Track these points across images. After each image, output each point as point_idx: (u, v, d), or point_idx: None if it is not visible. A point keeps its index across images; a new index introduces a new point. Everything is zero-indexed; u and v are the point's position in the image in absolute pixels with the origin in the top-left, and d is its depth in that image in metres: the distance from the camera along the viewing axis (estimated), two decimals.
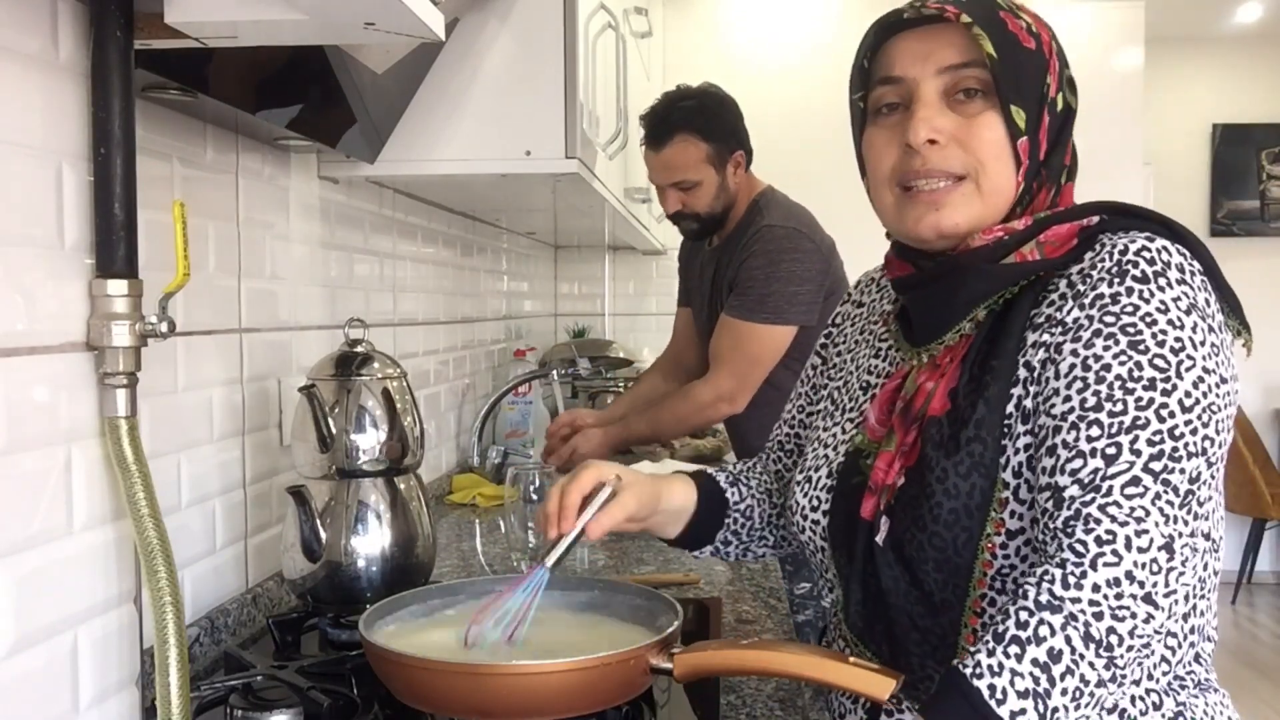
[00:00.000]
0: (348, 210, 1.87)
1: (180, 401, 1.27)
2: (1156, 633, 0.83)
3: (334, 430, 1.35)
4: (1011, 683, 0.79)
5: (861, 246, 2.66)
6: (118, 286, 0.99)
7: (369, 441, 1.36)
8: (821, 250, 2.25)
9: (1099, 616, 0.80)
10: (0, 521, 0.89)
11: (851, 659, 0.95)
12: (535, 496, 1.71)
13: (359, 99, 1.51)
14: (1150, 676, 0.94)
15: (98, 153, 0.98)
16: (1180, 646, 0.94)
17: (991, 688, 0.79)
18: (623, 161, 2.42)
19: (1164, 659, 0.94)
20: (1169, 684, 0.95)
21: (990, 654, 0.81)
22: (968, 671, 0.81)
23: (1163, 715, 0.94)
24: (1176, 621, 0.91)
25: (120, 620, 1.05)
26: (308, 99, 1.40)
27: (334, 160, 1.70)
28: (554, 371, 2.89)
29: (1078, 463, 0.86)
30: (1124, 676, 0.82)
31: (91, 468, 1.00)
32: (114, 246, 0.99)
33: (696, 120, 2.26)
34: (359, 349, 1.41)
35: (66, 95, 0.97)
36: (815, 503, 1.07)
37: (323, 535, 1.34)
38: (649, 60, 3.36)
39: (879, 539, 0.98)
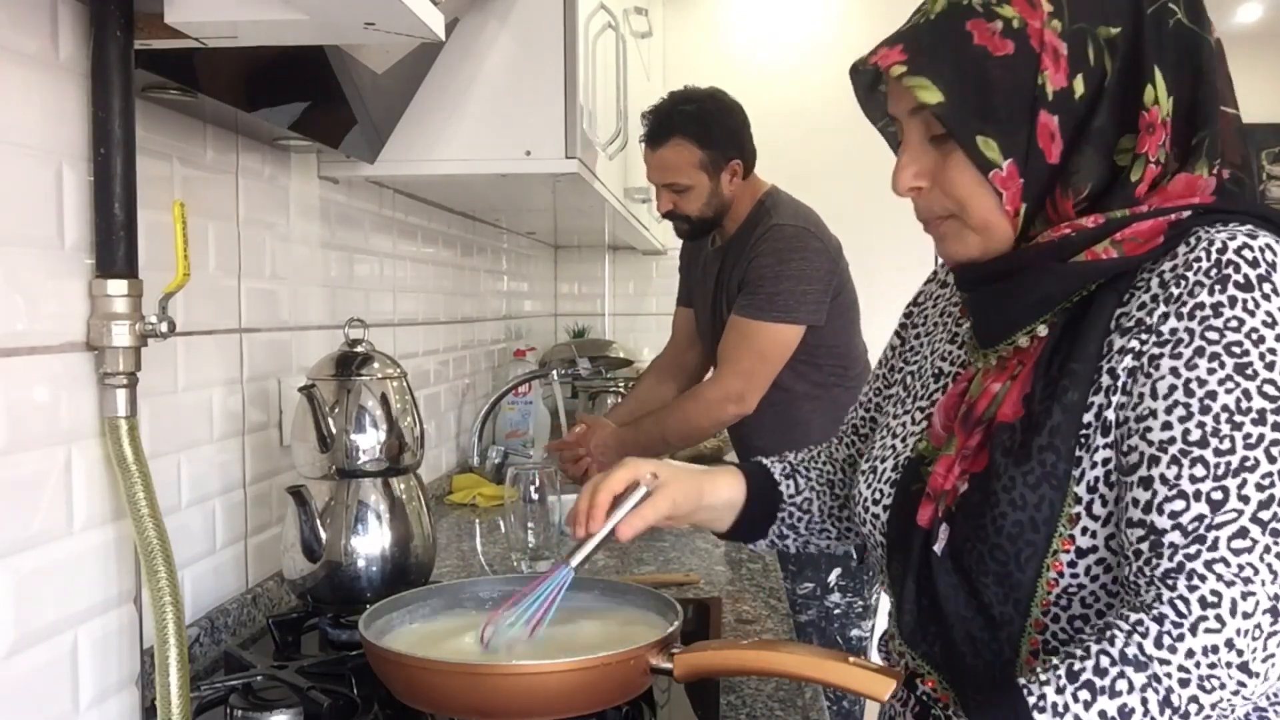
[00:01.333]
0: (348, 210, 1.87)
1: (180, 401, 1.27)
2: (1246, 700, 0.78)
3: (334, 430, 1.35)
4: None
5: (861, 246, 2.66)
6: (118, 286, 0.99)
7: (369, 441, 1.36)
8: (829, 250, 2.25)
9: (1185, 684, 0.76)
10: (0, 521, 0.89)
11: (851, 659, 0.94)
12: (535, 496, 1.71)
13: (359, 99, 1.51)
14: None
15: (98, 153, 0.98)
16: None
17: None
18: (623, 161, 2.42)
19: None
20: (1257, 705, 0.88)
21: (1060, 691, 0.78)
22: (1031, 700, 0.78)
23: None
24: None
25: (120, 620, 1.05)
26: (308, 99, 1.40)
27: (334, 160, 1.70)
28: (554, 371, 2.88)
29: (1179, 504, 0.79)
30: None
31: (91, 468, 1.00)
32: (114, 246, 0.99)
33: (693, 126, 2.26)
34: (359, 349, 1.41)
35: (66, 95, 0.97)
36: (878, 495, 1.01)
37: (323, 535, 1.34)
38: (649, 60, 3.36)
39: (937, 548, 0.92)
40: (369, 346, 1.42)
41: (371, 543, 1.36)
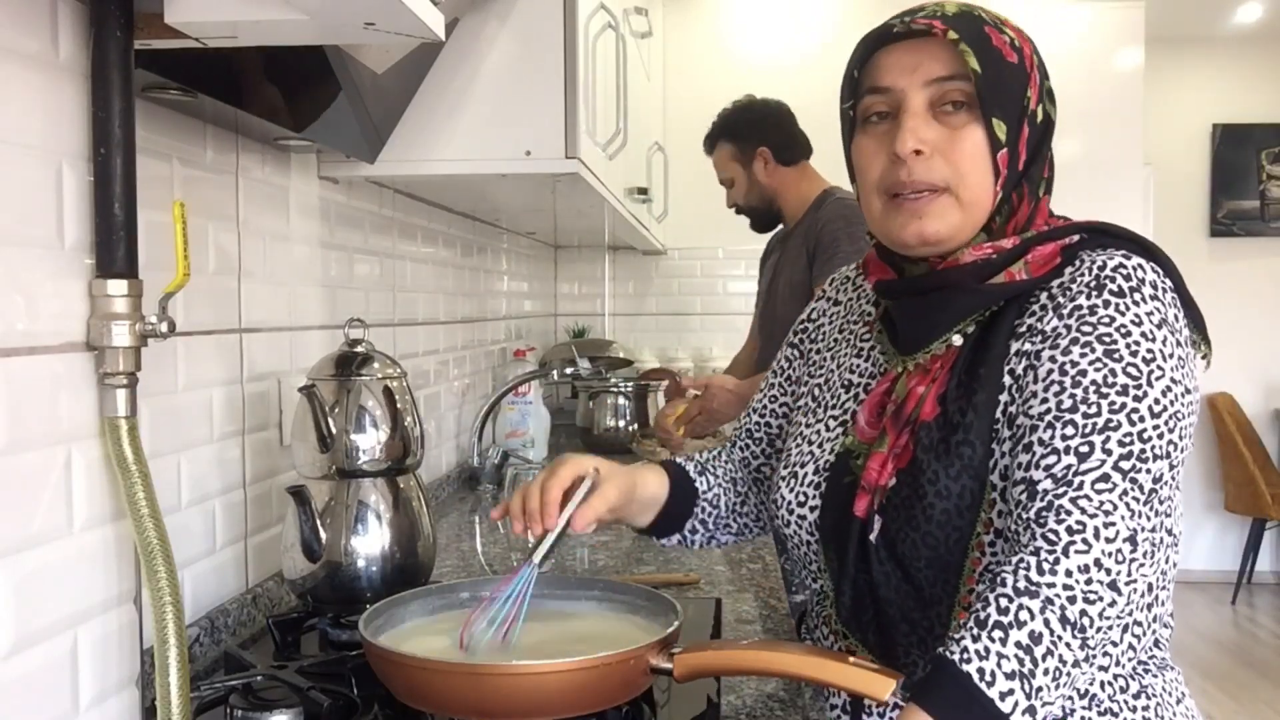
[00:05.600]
0: (348, 210, 1.87)
1: (180, 401, 1.27)
2: (1119, 618, 0.87)
3: (334, 430, 1.35)
4: (999, 665, 0.82)
5: None
6: (118, 286, 0.99)
7: (369, 441, 1.36)
8: None
9: (1072, 600, 0.85)
10: (0, 521, 0.89)
11: (851, 659, 0.95)
12: None
13: (359, 99, 1.51)
14: (1118, 663, 1.00)
15: (98, 153, 0.98)
16: (1144, 634, 1.02)
17: (980, 671, 0.82)
18: (623, 161, 2.42)
19: (1130, 646, 1.01)
20: (1134, 668, 1.02)
21: (975, 639, 0.84)
22: (955, 657, 0.84)
23: (1130, 695, 1.01)
24: (1141, 611, 1.00)
25: (120, 620, 1.05)
26: (308, 99, 1.40)
27: (334, 160, 1.70)
28: (554, 371, 2.89)
29: (1052, 459, 0.91)
30: (1094, 657, 0.87)
31: (91, 468, 1.00)
32: (114, 246, 0.99)
33: (724, 128, 2.68)
34: (359, 349, 1.41)
35: (66, 95, 0.97)
36: (803, 498, 1.10)
37: (323, 535, 1.34)
38: (649, 60, 3.36)
39: (872, 537, 1.01)
40: (369, 346, 1.42)
41: (371, 543, 1.36)
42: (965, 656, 0.83)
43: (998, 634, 0.83)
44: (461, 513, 2.29)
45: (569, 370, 2.96)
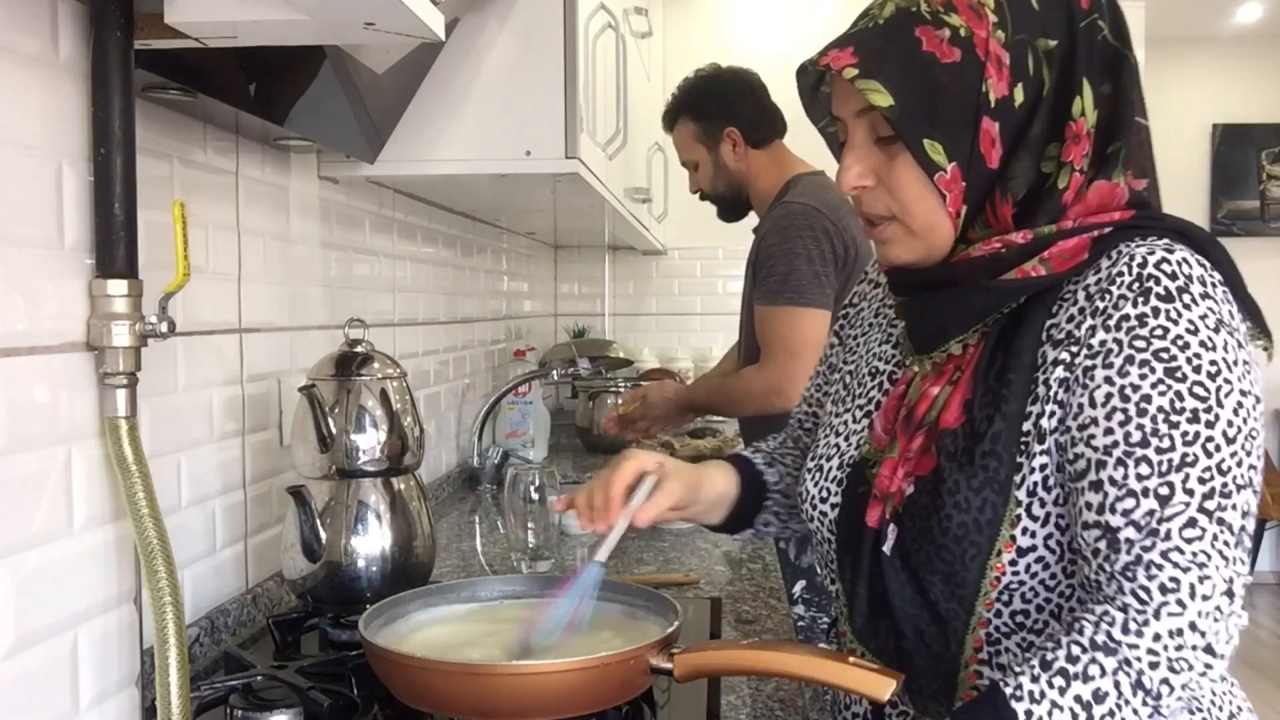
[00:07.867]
0: (348, 210, 1.87)
1: (180, 401, 1.27)
2: (1211, 681, 0.83)
3: (334, 430, 1.35)
4: (1049, 713, 0.80)
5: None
6: (118, 286, 0.99)
7: (369, 441, 1.36)
8: (844, 234, 2.15)
9: (1155, 666, 0.80)
10: (0, 521, 0.89)
11: (851, 659, 0.95)
12: (535, 496, 1.71)
13: (359, 99, 1.51)
14: None
15: (98, 153, 0.98)
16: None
17: (1029, 713, 0.80)
18: (623, 161, 2.42)
19: None
20: None
21: (1034, 680, 0.81)
22: (1008, 691, 0.81)
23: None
24: None
25: (120, 620, 1.05)
26: (308, 99, 1.40)
27: (334, 160, 1.71)
28: (554, 371, 2.89)
29: (1129, 502, 0.84)
30: None
31: (91, 468, 1.00)
32: (114, 246, 0.99)
33: (686, 102, 2.35)
34: (359, 349, 1.41)
35: (66, 95, 0.97)
36: (825, 493, 1.06)
37: (323, 535, 1.34)
38: (649, 60, 3.35)
39: (886, 548, 0.96)
40: (369, 346, 1.42)
41: (371, 543, 1.36)
42: (1017, 694, 0.81)
43: (1059, 681, 0.80)
44: (461, 513, 2.29)
45: (569, 370, 2.96)
